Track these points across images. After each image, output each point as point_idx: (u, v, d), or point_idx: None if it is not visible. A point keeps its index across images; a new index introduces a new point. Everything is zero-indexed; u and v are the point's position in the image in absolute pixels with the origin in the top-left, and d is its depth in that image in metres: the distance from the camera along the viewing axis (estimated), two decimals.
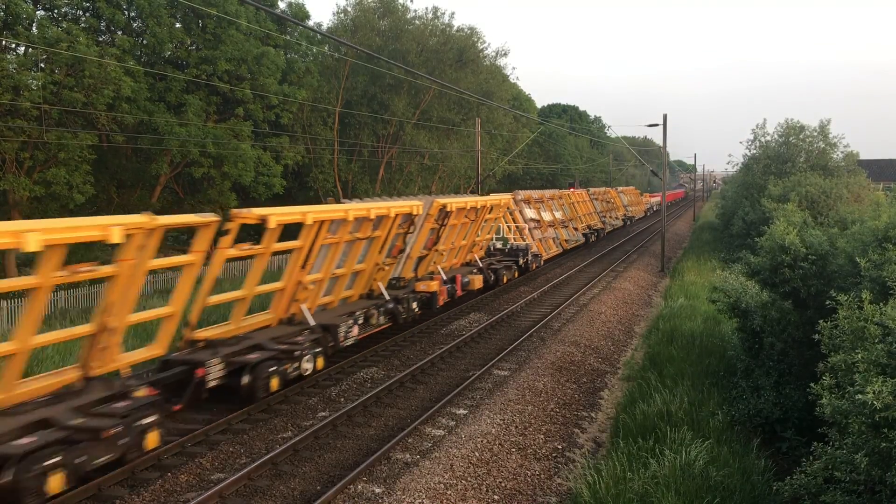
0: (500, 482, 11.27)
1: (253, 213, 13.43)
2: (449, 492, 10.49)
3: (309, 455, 11.80)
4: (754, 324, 15.21)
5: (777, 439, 13.60)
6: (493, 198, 27.64)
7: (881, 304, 9.54)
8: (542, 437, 13.39)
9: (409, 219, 20.04)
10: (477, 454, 11.86)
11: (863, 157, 41.98)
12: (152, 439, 10.71)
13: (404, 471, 11.04)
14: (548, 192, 41.93)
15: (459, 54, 47.64)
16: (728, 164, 56.97)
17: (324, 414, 13.73)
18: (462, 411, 13.96)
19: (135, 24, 33.16)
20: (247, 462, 11.42)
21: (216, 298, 14.25)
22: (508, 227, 34.59)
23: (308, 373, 14.60)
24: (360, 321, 17.37)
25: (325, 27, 48.05)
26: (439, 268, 23.93)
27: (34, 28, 27.35)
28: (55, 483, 9.18)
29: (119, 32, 32.09)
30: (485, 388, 15.49)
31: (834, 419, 8.60)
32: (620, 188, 73.67)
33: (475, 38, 49.09)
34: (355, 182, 45.96)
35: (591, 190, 55.61)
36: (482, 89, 48.13)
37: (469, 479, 11.06)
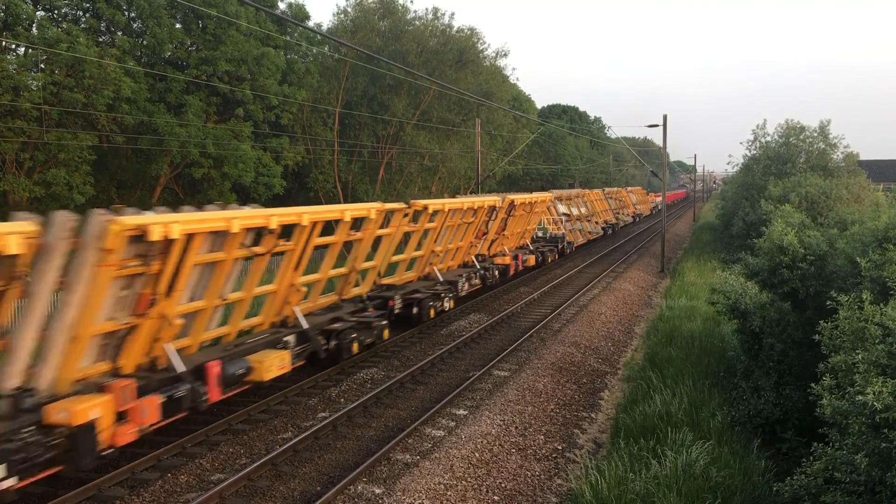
0: (500, 483, 11.27)
1: (419, 203, 20.14)
2: (449, 492, 10.49)
3: (309, 456, 11.80)
4: (753, 325, 15.21)
5: (777, 440, 13.60)
6: (540, 195, 33.10)
7: (881, 304, 9.54)
8: (542, 437, 13.39)
9: (493, 210, 26.08)
10: (477, 455, 11.86)
11: (863, 157, 41.97)
12: (386, 333, 18.02)
13: (404, 471, 11.04)
14: (574, 192, 47.89)
15: (459, 55, 47.62)
16: (728, 164, 57.15)
17: (324, 414, 13.72)
18: (462, 412, 13.96)
19: (135, 25, 33.17)
20: (247, 462, 11.42)
21: (396, 257, 20.88)
22: (547, 220, 40.89)
23: (447, 309, 22.13)
24: (467, 281, 24.37)
25: (325, 28, 48.07)
26: (505, 248, 29.87)
27: (34, 28, 27.35)
28: (354, 347, 16.47)
29: (119, 33, 32.09)
30: (485, 389, 15.48)
31: (834, 420, 8.60)
32: (629, 188, 79.87)
33: (475, 38, 49.06)
34: (355, 183, 45.95)
35: (606, 190, 61.33)
36: (482, 90, 48.12)
37: (469, 479, 11.06)
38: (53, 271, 9.76)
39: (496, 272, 26.89)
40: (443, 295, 21.66)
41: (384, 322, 17.90)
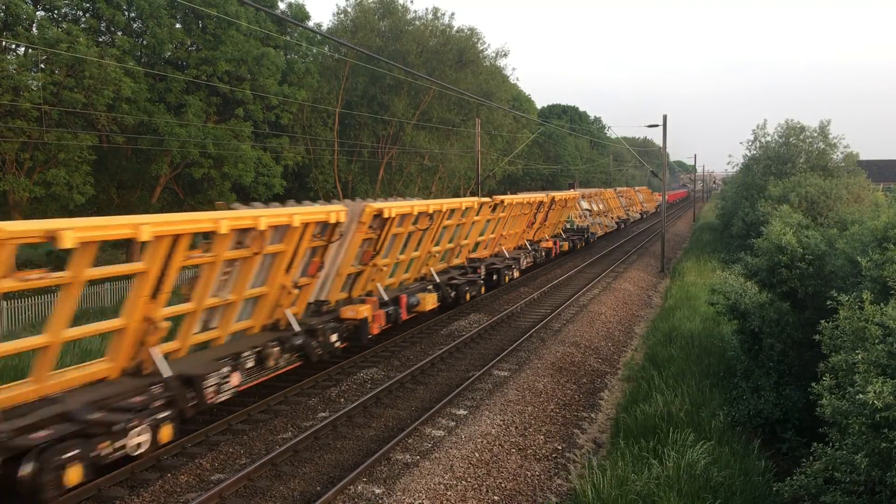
0: (500, 483, 11.27)
1: (498, 197, 27.02)
2: (449, 492, 10.49)
3: (309, 456, 11.80)
4: (753, 325, 15.21)
5: (777, 440, 13.60)
6: (570, 192, 40.81)
7: (882, 304, 9.54)
8: (542, 437, 13.39)
9: (541, 204, 33.09)
10: (477, 455, 11.86)
11: (863, 157, 41.98)
12: (483, 290, 24.78)
13: (404, 471, 11.04)
14: (594, 191, 55.69)
15: (459, 55, 47.65)
16: (728, 164, 57.38)
17: (324, 414, 13.72)
18: (462, 412, 13.95)
19: (135, 25, 33.17)
20: (247, 463, 11.42)
21: (480, 238, 26.82)
22: (574, 214, 47.21)
23: (515, 277, 28.65)
24: (525, 258, 31.24)
25: (325, 28, 48.07)
26: (546, 235, 37.09)
27: (34, 29, 27.36)
28: (516, 273, 27.08)
29: (119, 33, 32.10)
30: (485, 389, 15.48)
31: (834, 419, 8.60)
32: (637, 188, 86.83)
33: (475, 38, 49.11)
34: (355, 182, 45.96)
35: (618, 189, 68.23)
36: (482, 90, 48.13)
37: (469, 479, 11.06)
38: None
39: (542, 253, 34.42)
40: (512, 266, 28.15)
41: (481, 281, 24.87)
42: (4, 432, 8.95)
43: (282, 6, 42.71)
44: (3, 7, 25.54)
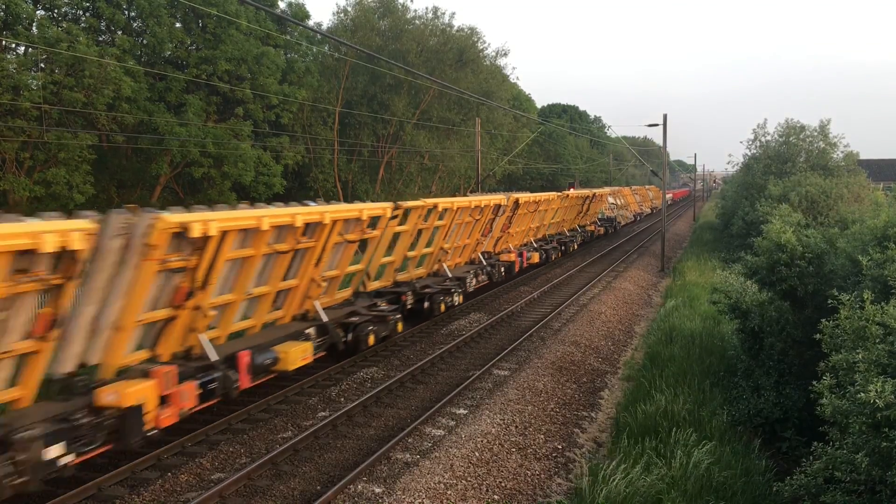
0: (501, 482, 11.26)
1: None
2: (449, 492, 10.49)
3: (309, 455, 11.79)
4: (753, 323, 15.22)
5: (777, 439, 13.60)
6: (602, 189, 53.18)
7: (882, 303, 9.54)
8: (542, 436, 13.39)
9: (588, 199, 39.19)
10: (477, 454, 11.86)
11: (863, 156, 42.00)
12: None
13: (404, 471, 11.03)
14: (616, 188, 65.55)
15: (459, 54, 47.63)
16: (728, 163, 57.60)
17: (324, 414, 13.72)
18: (462, 411, 13.95)
19: (135, 24, 33.17)
20: (247, 462, 11.42)
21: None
22: (604, 207, 56.06)
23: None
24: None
25: (324, 27, 48.05)
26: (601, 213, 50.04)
27: (34, 28, 27.35)
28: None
29: (119, 32, 32.09)
30: (485, 388, 15.48)
31: (834, 419, 8.60)
32: (647, 186, 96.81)
33: (475, 38, 49.09)
34: (355, 182, 45.95)
35: (633, 188, 79.89)
36: (482, 89, 48.11)
37: (469, 478, 11.06)
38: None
39: (589, 234, 45.06)
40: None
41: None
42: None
43: (282, 5, 42.72)
44: (4, 6, 25.53)
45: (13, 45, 26.93)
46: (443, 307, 21.26)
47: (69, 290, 9.92)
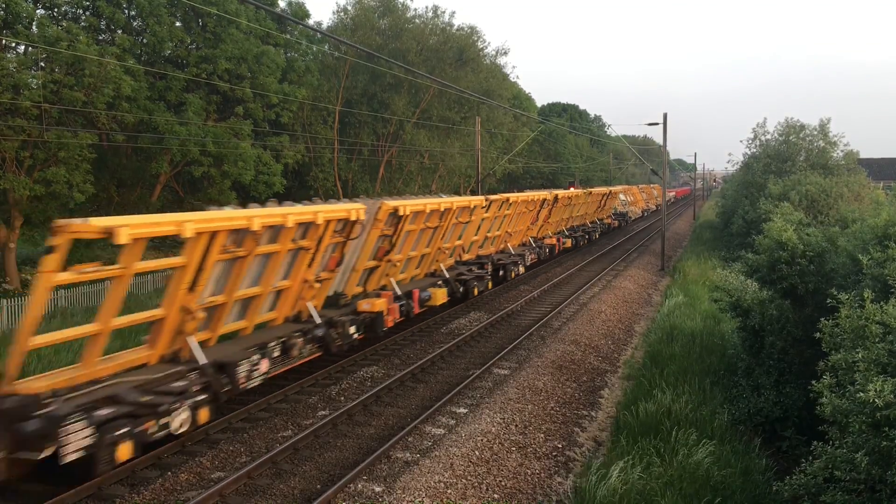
0: (501, 481, 11.27)
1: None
2: (449, 490, 10.49)
3: (309, 454, 11.80)
4: (754, 322, 15.22)
5: (777, 438, 13.60)
6: (616, 188, 60.07)
7: (882, 302, 9.54)
8: (542, 435, 13.39)
9: (606, 196, 44.39)
10: (477, 453, 11.86)
11: (863, 155, 41.98)
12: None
13: (404, 469, 11.04)
14: (626, 187, 75.51)
15: (459, 53, 47.59)
16: (728, 162, 57.96)
17: (324, 413, 13.72)
18: (462, 410, 13.96)
19: (135, 23, 33.15)
20: (247, 461, 11.42)
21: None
22: (617, 203, 62.27)
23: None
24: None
25: (324, 26, 48.02)
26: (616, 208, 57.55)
27: (34, 27, 27.31)
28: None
29: (119, 31, 32.07)
30: (485, 387, 15.48)
31: (834, 418, 8.60)
32: (653, 185, 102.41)
33: (475, 37, 49.06)
34: (355, 181, 45.94)
35: (640, 186, 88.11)
36: (482, 88, 48.08)
37: (469, 477, 11.06)
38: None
39: (607, 225, 51.54)
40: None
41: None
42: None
43: (282, 4, 42.69)
44: (3, 5, 25.51)
45: (13, 44, 26.91)
46: (512, 274, 28.72)
47: (349, 245, 16.46)
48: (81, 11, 31.68)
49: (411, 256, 20.93)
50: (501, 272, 27.47)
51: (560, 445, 13.24)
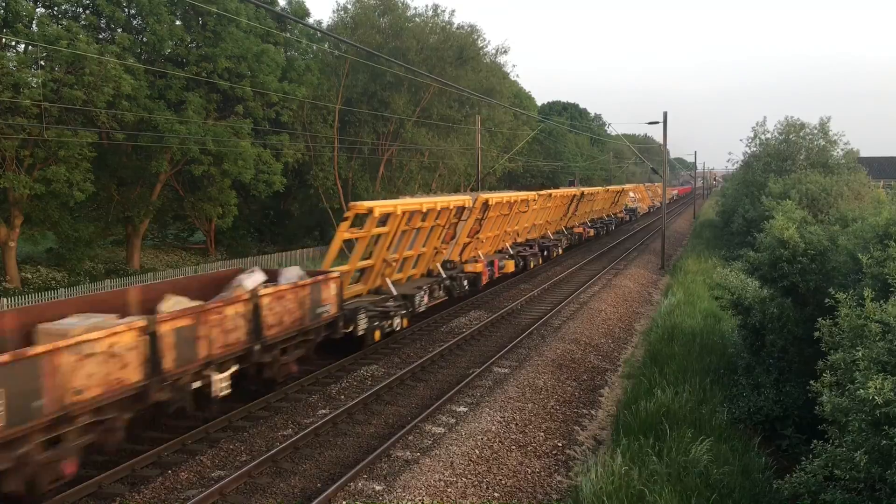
0: (501, 479, 11.28)
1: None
2: (449, 489, 10.50)
3: (309, 453, 11.81)
4: (755, 320, 15.22)
5: (777, 437, 13.61)
6: (628, 186, 72.20)
7: (882, 301, 9.55)
8: (542, 434, 13.40)
9: (620, 193, 56.46)
10: (477, 452, 11.87)
11: (863, 154, 41.97)
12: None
13: (405, 468, 11.04)
14: (634, 185, 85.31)
15: (459, 52, 47.53)
16: (728, 161, 58.10)
17: (324, 411, 13.73)
18: (462, 409, 13.96)
19: (135, 22, 33.12)
20: (247, 460, 11.43)
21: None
22: (627, 200, 69.59)
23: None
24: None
25: (325, 25, 47.99)
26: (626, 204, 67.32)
27: (34, 26, 27.30)
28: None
29: (119, 30, 32.04)
30: (485, 386, 15.49)
31: (834, 417, 8.60)
32: (657, 183, 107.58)
33: (475, 35, 48.99)
34: (355, 180, 45.91)
35: (646, 185, 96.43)
36: (482, 87, 48.04)
37: (469, 476, 11.07)
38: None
39: (620, 219, 57.40)
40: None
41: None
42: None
43: (282, 3, 42.64)
44: (4, 4, 25.50)
45: (13, 43, 26.90)
46: (554, 254, 36.68)
47: (458, 225, 23.90)
48: (81, 10, 31.67)
49: (489, 236, 28.18)
50: (545, 252, 34.99)
51: (560, 444, 13.25)
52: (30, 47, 26.83)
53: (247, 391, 13.91)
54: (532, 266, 32.37)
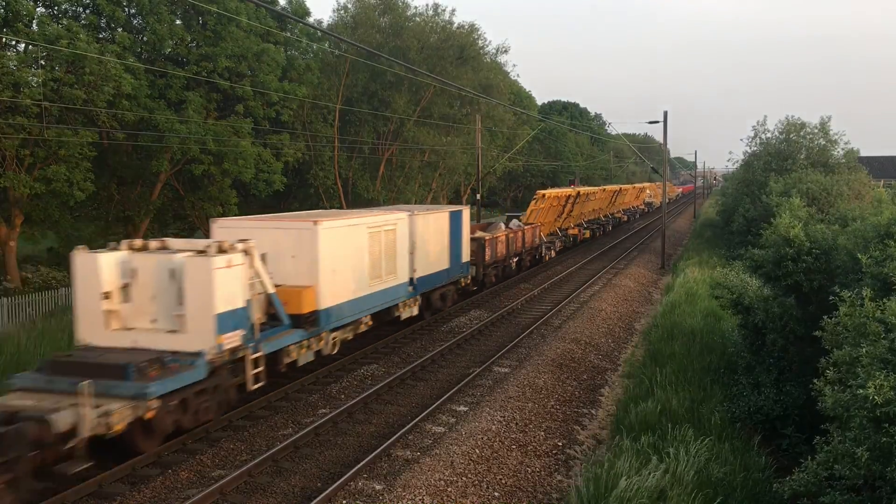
0: (501, 479, 11.28)
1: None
2: (449, 489, 10.50)
3: (309, 452, 11.81)
4: (756, 319, 15.20)
5: (777, 436, 13.59)
6: (645, 185, 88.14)
7: (882, 300, 9.54)
8: (542, 433, 13.40)
9: (642, 190, 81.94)
10: (477, 451, 11.86)
11: (863, 153, 41.94)
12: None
13: (405, 468, 11.04)
14: (648, 184, 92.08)
15: (460, 51, 47.51)
16: (728, 161, 57.89)
17: (324, 411, 13.73)
18: (462, 408, 13.96)
19: (135, 21, 33.09)
20: (248, 459, 11.43)
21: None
22: (646, 197, 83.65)
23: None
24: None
25: (325, 24, 47.96)
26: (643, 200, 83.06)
27: (34, 25, 27.29)
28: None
29: (119, 29, 32.00)
30: (485, 385, 15.49)
31: (835, 413, 8.61)
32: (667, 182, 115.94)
33: (475, 35, 48.98)
34: (356, 179, 45.89)
35: (657, 183, 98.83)
36: (483, 86, 48.03)
37: (469, 475, 11.07)
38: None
39: (642, 210, 78.75)
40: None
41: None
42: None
43: (282, 2, 42.58)
44: (4, 4, 25.49)
45: (13, 43, 26.89)
46: (598, 234, 48.70)
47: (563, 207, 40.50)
48: (82, 9, 31.63)
49: (561, 221, 39.99)
50: (596, 232, 48.46)
51: (560, 443, 13.25)
52: (30, 46, 26.82)
53: (246, 392, 13.91)
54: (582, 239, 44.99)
